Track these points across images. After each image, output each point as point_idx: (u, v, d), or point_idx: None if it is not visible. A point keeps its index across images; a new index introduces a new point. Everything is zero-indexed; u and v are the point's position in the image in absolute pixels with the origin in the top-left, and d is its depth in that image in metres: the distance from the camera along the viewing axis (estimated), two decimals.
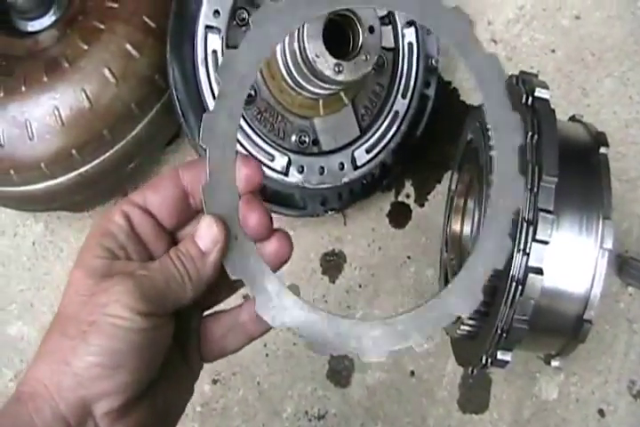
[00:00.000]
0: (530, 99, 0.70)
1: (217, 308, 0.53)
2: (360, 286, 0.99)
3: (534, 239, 0.63)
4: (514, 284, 0.63)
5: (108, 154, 0.90)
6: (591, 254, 0.67)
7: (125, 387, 0.44)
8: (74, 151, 0.87)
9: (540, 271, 0.63)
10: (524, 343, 0.68)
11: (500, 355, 0.67)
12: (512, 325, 0.65)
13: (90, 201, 1.01)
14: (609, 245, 0.67)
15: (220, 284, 0.50)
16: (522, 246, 0.64)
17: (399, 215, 1.02)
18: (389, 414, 0.94)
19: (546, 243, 0.63)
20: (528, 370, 0.92)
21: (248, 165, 0.49)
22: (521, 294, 0.63)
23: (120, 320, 0.43)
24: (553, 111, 0.69)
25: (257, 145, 0.90)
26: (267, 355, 0.97)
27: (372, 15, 0.83)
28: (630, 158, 0.97)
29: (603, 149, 0.72)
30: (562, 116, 0.80)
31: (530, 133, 0.67)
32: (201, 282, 0.47)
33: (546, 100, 0.70)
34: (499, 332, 0.66)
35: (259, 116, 0.91)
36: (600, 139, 0.73)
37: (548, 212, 0.64)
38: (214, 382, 0.97)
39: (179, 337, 0.50)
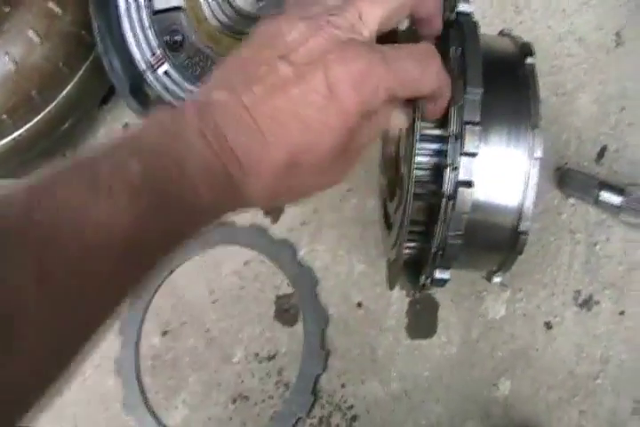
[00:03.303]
0: (453, 14, 0.68)
1: None
2: (302, 224, 0.98)
3: (462, 153, 0.61)
4: (445, 200, 0.62)
5: (39, 116, 0.90)
6: (522, 165, 0.65)
7: None
8: (4, 116, 0.87)
9: (469, 184, 0.61)
10: (463, 261, 0.67)
11: (438, 273, 0.66)
12: (447, 241, 0.63)
13: (25, 166, 0.99)
14: (539, 154, 0.65)
15: None
16: (450, 161, 0.62)
17: None
18: (339, 347, 0.93)
19: (474, 155, 0.61)
20: (475, 290, 0.91)
21: None
22: (453, 210, 0.62)
23: None
24: (475, 24, 0.67)
25: (189, 91, 0.89)
26: (213, 302, 0.96)
27: None
28: (566, 71, 0.95)
29: (529, 60, 0.70)
30: None
31: (454, 47, 0.64)
32: None
33: (468, 14, 0.68)
34: (435, 250, 0.64)
35: (188, 62, 0.90)
36: (525, 49, 0.71)
37: (475, 124, 0.62)
38: (164, 333, 0.95)
39: None
